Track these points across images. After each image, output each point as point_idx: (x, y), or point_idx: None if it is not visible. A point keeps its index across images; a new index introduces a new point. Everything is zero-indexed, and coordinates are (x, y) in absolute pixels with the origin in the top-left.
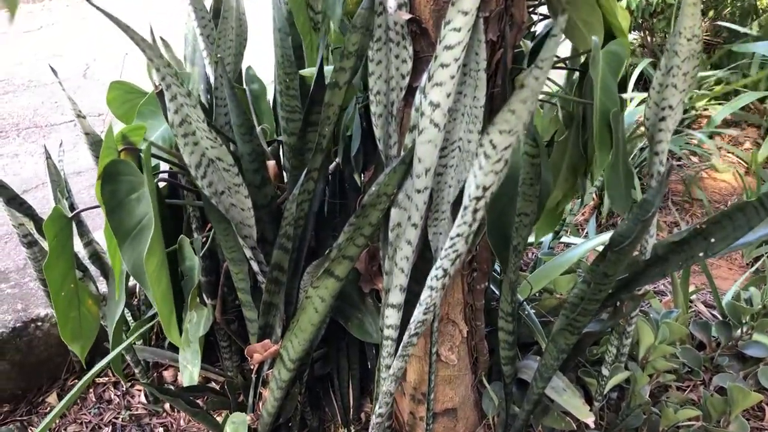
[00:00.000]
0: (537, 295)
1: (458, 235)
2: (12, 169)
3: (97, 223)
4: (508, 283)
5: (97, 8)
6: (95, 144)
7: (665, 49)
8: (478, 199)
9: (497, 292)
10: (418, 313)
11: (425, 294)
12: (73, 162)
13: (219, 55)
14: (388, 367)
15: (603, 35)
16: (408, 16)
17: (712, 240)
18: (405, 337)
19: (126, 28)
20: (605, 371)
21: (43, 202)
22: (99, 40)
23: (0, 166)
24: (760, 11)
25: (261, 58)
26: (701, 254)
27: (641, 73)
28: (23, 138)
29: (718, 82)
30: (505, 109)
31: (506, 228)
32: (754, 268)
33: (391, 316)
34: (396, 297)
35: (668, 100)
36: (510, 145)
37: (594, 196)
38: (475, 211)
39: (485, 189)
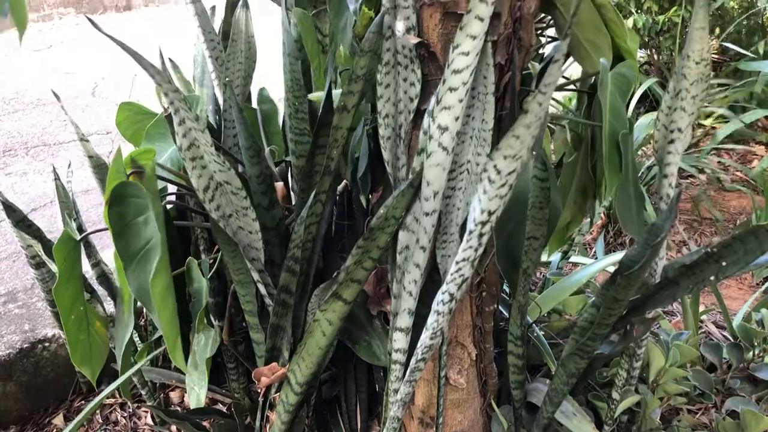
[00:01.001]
0: (546, 316)
1: (464, 260)
2: (21, 188)
3: (105, 242)
4: (518, 307)
5: (106, 35)
6: (98, 167)
7: (674, 72)
8: (483, 223)
9: (506, 314)
10: (425, 338)
11: (432, 318)
12: (82, 180)
13: (228, 78)
14: (396, 391)
15: (612, 57)
16: (416, 40)
17: (724, 263)
18: (412, 362)
19: (134, 54)
20: (615, 395)
21: (51, 221)
22: (108, 58)
23: (9, 185)
24: (767, 29)
25: (276, 71)
26: (712, 278)
27: (645, 92)
28: (32, 156)
29: (725, 99)
30: (509, 135)
31: (515, 251)
32: (764, 288)
33: (400, 340)
34: (404, 320)
35: (677, 123)
36: (514, 170)
37: (602, 215)
38: (481, 235)
39: (490, 213)
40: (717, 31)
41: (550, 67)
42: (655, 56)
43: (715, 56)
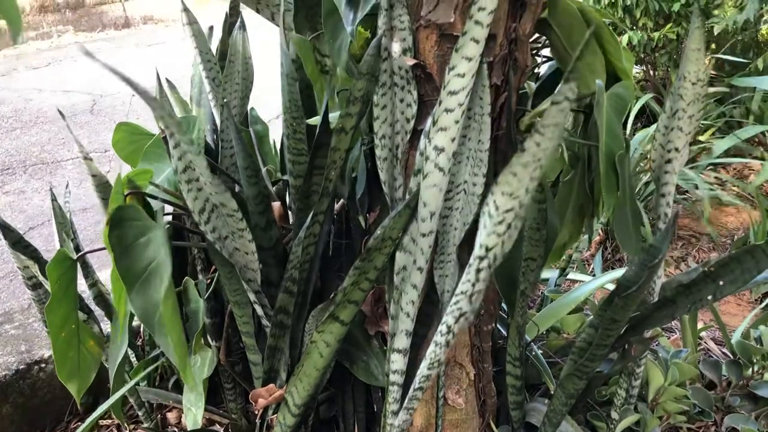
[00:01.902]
0: (544, 334)
1: (462, 293)
2: (18, 206)
3: (102, 261)
4: (516, 327)
5: (102, 63)
6: (102, 186)
7: (670, 91)
8: (480, 258)
9: (504, 332)
10: (423, 368)
11: (430, 349)
12: (79, 199)
13: (225, 99)
14: (394, 413)
15: (606, 78)
16: (413, 62)
17: (721, 282)
18: (410, 391)
19: (128, 81)
20: (614, 414)
21: (48, 240)
22: (106, 76)
23: (6, 203)
24: (762, 45)
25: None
26: (710, 297)
27: (642, 107)
28: (29, 175)
29: (721, 115)
30: (507, 171)
31: (513, 271)
32: (763, 305)
33: (397, 361)
34: (401, 342)
35: (674, 143)
36: (512, 209)
37: (600, 231)
38: (478, 270)
39: (488, 249)
40: (713, 46)
41: (550, 108)
42: (651, 72)
43: (712, 72)
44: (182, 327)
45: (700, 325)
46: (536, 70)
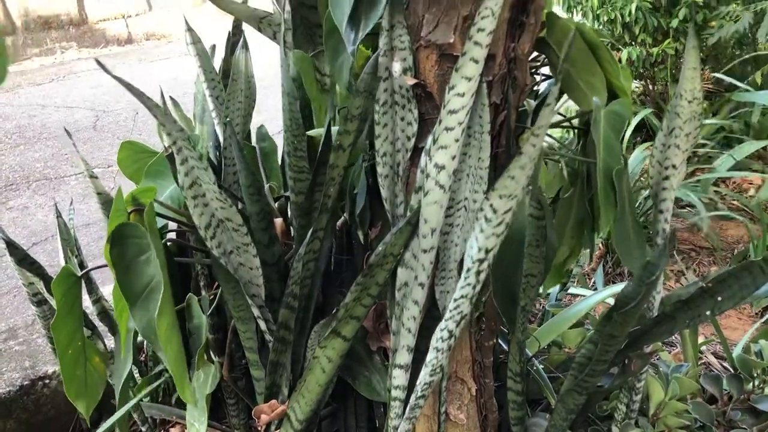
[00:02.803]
0: (546, 348)
1: (462, 297)
2: (22, 222)
3: (106, 276)
4: (516, 343)
5: (114, 77)
6: (107, 203)
7: (667, 110)
8: (480, 261)
9: (505, 347)
10: (424, 375)
11: (431, 355)
12: (83, 214)
13: (228, 117)
14: (396, 428)
15: (605, 96)
16: (413, 81)
17: (719, 298)
18: (412, 399)
19: (140, 95)
20: (615, 429)
21: (52, 255)
22: (109, 92)
23: (10, 219)
24: (760, 60)
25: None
26: (708, 312)
27: (642, 122)
28: (33, 190)
29: (720, 130)
30: (505, 175)
31: (513, 288)
32: (764, 319)
33: (399, 377)
34: (403, 357)
35: (671, 160)
36: (510, 209)
37: (600, 245)
38: (478, 273)
39: (487, 251)
40: (711, 62)
41: (543, 110)
42: (651, 87)
43: (710, 87)
44: (180, 343)
45: (701, 339)
46: (536, 88)
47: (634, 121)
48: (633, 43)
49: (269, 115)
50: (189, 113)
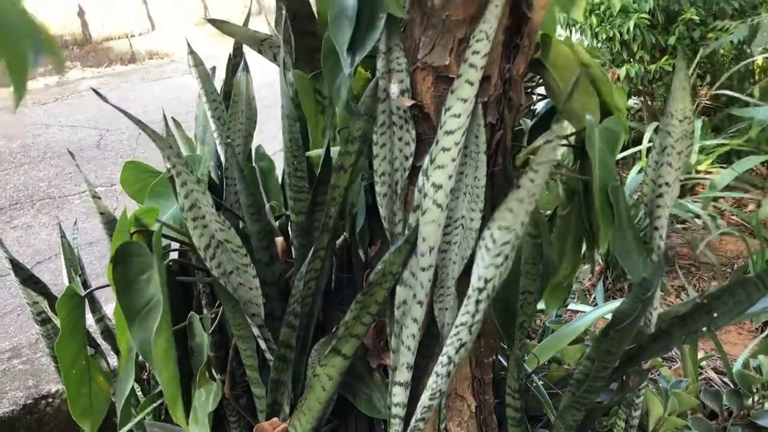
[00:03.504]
0: (545, 364)
1: (462, 324)
2: (26, 241)
3: (109, 294)
4: (515, 360)
5: (113, 105)
6: (110, 223)
7: (659, 128)
8: (480, 290)
9: (505, 363)
10: (424, 398)
11: (431, 380)
12: (86, 233)
13: (229, 139)
14: None
15: (599, 114)
16: (410, 102)
17: (715, 314)
18: (412, 422)
19: (138, 122)
20: None
21: (56, 274)
22: (113, 111)
23: (15, 238)
24: (757, 75)
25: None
26: (704, 328)
27: (640, 137)
28: (37, 209)
29: (719, 145)
30: (503, 207)
31: (512, 304)
32: (764, 334)
33: (399, 394)
34: (403, 375)
35: (664, 178)
36: (509, 242)
37: (600, 261)
38: (478, 302)
39: (486, 281)
40: (708, 78)
41: (543, 147)
42: (649, 103)
43: (708, 102)
44: (176, 364)
45: (701, 354)
46: (532, 107)
47: (646, 136)
48: (631, 60)
49: (270, 133)
50: (190, 132)
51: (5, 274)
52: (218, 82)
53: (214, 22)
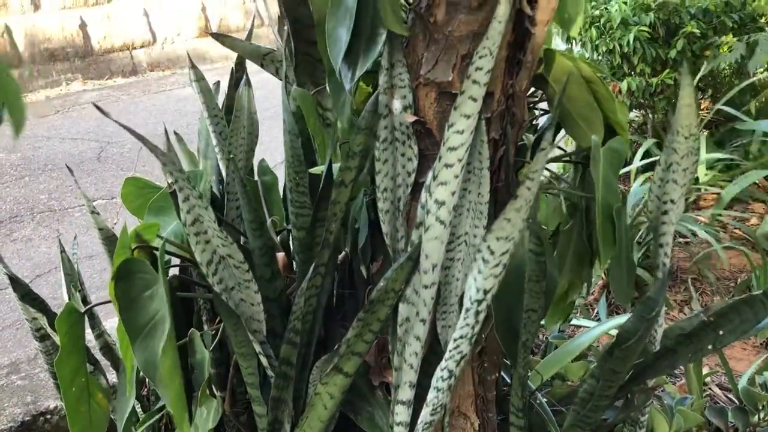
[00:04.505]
0: (549, 381)
1: (461, 337)
2: (26, 254)
3: (108, 309)
4: (518, 378)
5: (115, 121)
6: (108, 239)
7: (664, 146)
8: (479, 302)
9: (508, 380)
10: (425, 414)
11: (432, 395)
12: (86, 246)
13: (231, 154)
14: None
15: (603, 132)
16: (413, 118)
17: (721, 332)
18: None
19: (139, 137)
20: None
21: (55, 287)
22: (113, 123)
23: (14, 251)
24: (758, 88)
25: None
26: (710, 346)
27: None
28: (37, 222)
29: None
30: (501, 218)
31: (515, 323)
32: None
33: (401, 413)
34: (405, 394)
35: (669, 195)
36: (507, 251)
37: (603, 276)
38: (477, 313)
39: (485, 292)
40: (710, 91)
41: (537, 154)
42: (651, 116)
43: (707, 114)
44: (182, 382)
45: (705, 370)
46: (535, 122)
47: (640, 151)
48: (632, 73)
49: (271, 145)
50: (192, 145)
51: (4, 287)
52: (221, 98)
53: (216, 37)
